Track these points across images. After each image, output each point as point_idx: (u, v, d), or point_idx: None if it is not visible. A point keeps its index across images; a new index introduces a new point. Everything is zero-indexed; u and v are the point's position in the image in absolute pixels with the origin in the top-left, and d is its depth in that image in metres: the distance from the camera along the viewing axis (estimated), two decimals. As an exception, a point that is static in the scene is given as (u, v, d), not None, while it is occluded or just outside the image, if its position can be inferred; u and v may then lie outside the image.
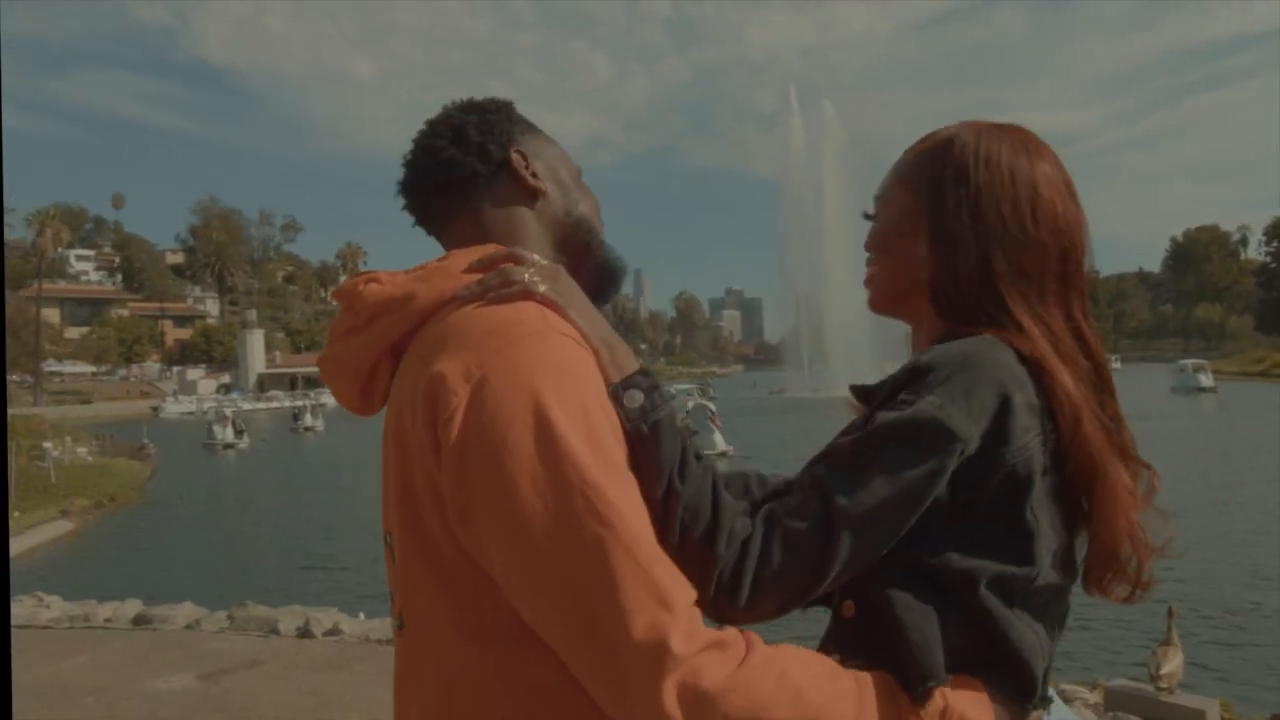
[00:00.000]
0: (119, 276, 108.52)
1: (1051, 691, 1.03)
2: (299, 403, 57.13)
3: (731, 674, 0.79)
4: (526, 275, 0.94)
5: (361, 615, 6.78)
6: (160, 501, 21.94)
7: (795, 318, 77.57)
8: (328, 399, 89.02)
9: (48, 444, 23.15)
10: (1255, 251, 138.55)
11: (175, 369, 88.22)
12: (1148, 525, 1.02)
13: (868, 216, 1.13)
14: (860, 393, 1.02)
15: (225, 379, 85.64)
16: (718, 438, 25.46)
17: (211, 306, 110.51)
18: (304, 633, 6.28)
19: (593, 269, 1.14)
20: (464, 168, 1.09)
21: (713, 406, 29.92)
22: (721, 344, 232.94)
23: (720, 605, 0.86)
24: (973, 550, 0.92)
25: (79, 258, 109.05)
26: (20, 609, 6.89)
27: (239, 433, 37.81)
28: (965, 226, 1.01)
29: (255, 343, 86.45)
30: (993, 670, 0.94)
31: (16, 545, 13.88)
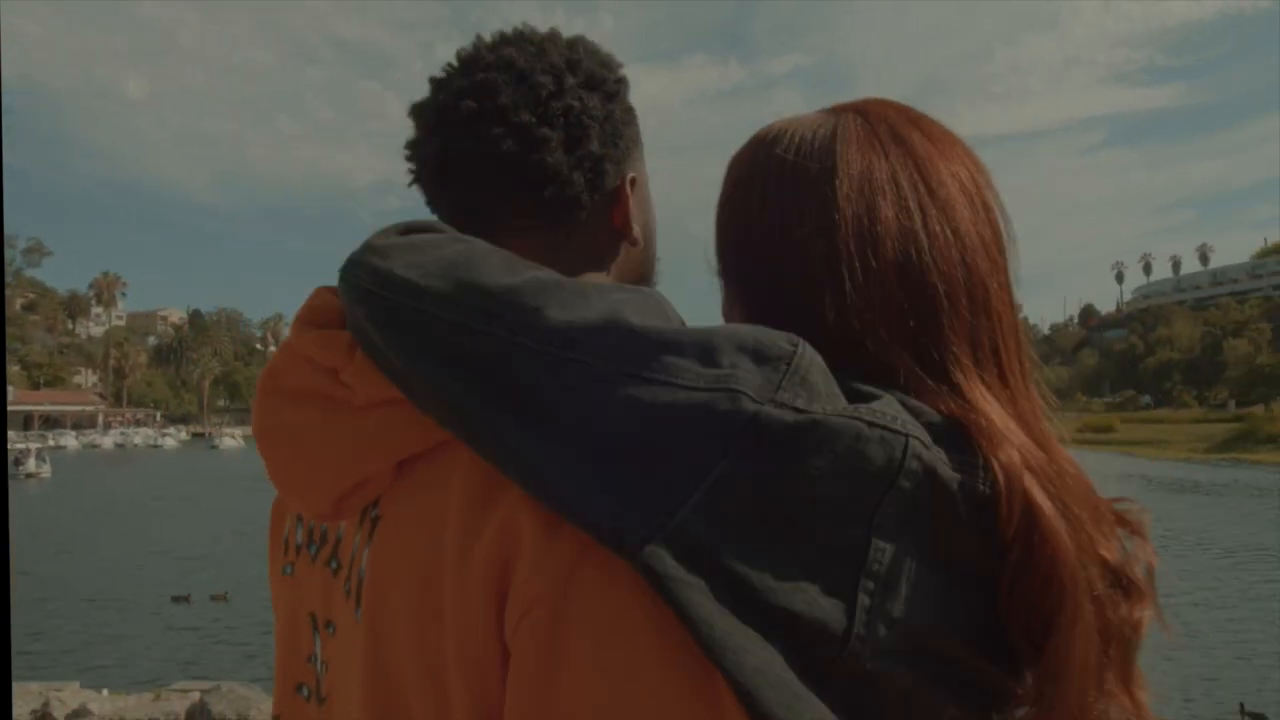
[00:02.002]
0: None
1: None
2: (19, 445, 50.84)
3: None
4: None
5: (105, 691, 6.05)
6: None
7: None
8: (68, 441, 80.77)
9: None
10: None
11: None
12: None
13: None
14: None
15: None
16: None
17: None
18: (41, 716, 5.49)
19: None
20: (570, 186, 0.77)
21: None
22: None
23: None
24: None
25: None
26: None
27: None
28: None
29: (-18, 376, 76.63)
30: None
31: None
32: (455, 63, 0.80)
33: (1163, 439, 71.38)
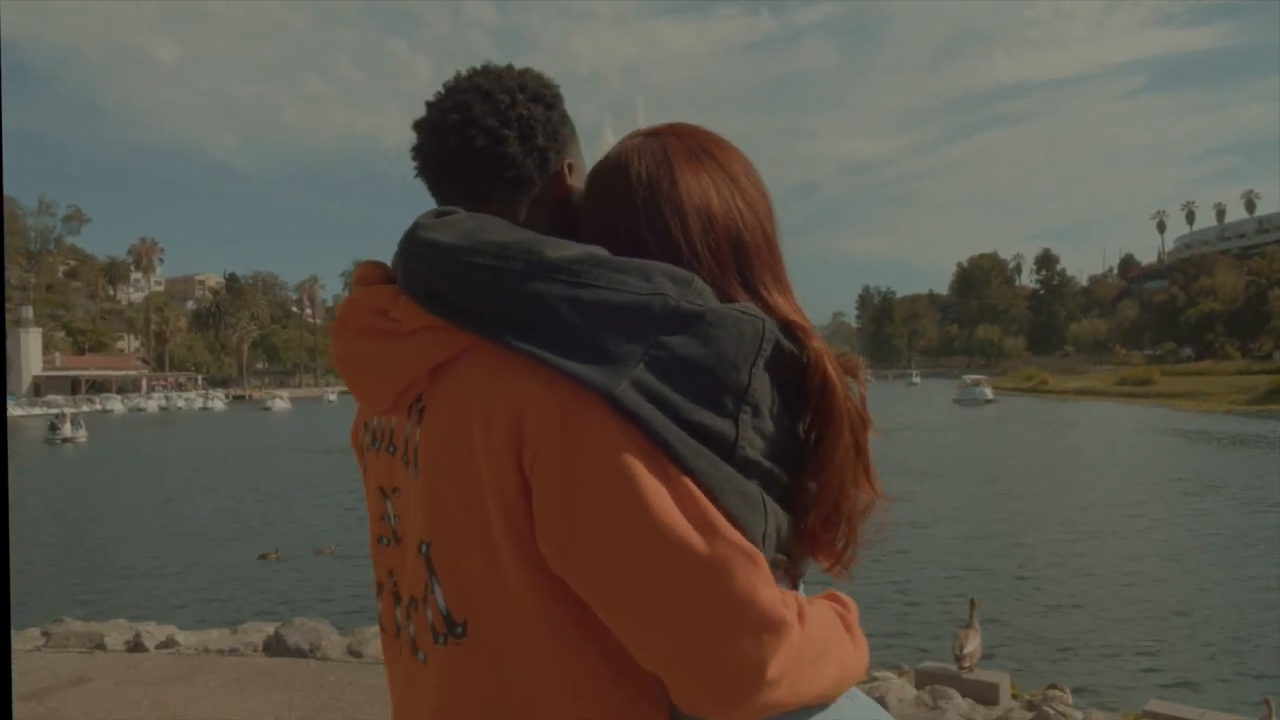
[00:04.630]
0: None
1: None
2: (54, 411, 51.72)
3: (799, 643, 0.90)
4: None
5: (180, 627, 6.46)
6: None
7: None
8: (114, 405, 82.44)
9: None
10: (1028, 279, 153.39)
11: (-69, 370, 78.46)
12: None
13: None
14: None
15: (-7, 382, 76.88)
16: None
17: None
18: (134, 646, 5.94)
19: None
20: (523, 169, 1.08)
21: None
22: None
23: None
24: None
25: None
26: None
27: None
28: None
29: (31, 342, 78.67)
30: None
31: None
32: (442, 90, 1.12)
33: (1203, 391, 70.00)
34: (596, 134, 1.21)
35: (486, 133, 1.06)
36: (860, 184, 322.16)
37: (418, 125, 1.12)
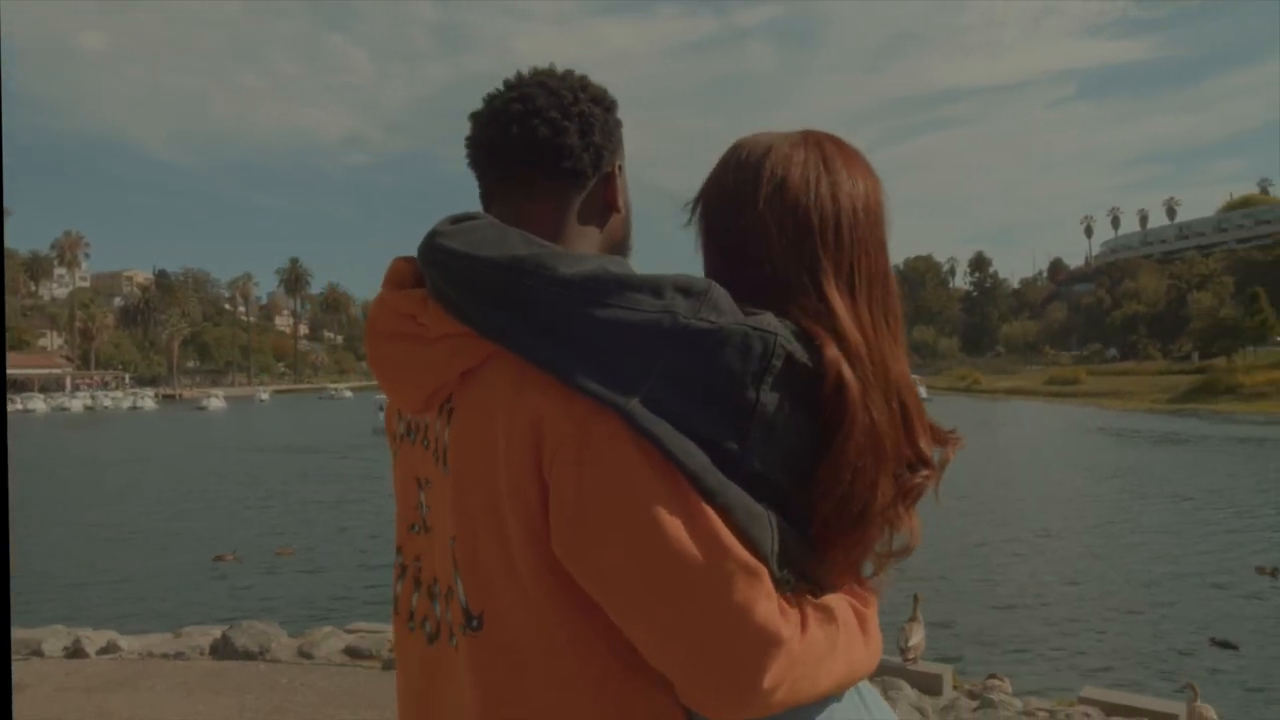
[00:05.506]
0: None
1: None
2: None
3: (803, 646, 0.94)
4: None
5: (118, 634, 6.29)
6: None
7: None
8: (36, 404, 79.61)
9: None
10: (962, 281, 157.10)
11: None
12: None
13: None
14: None
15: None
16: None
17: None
18: (73, 652, 5.77)
19: None
20: (579, 162, 1.10)
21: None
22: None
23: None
24: None
25: None
26: None
27: None
28: None
29: (-56, 340, 74.97)
30: None
31: None
32: (501, 86, 1.14)
33: (1127, 390, 72.65)
34: None
35: (549, 123, 1.08)
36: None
37: (475, 116, 1.14)
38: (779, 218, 1.04)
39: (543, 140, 1.08)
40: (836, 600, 1.02)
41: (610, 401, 0.90)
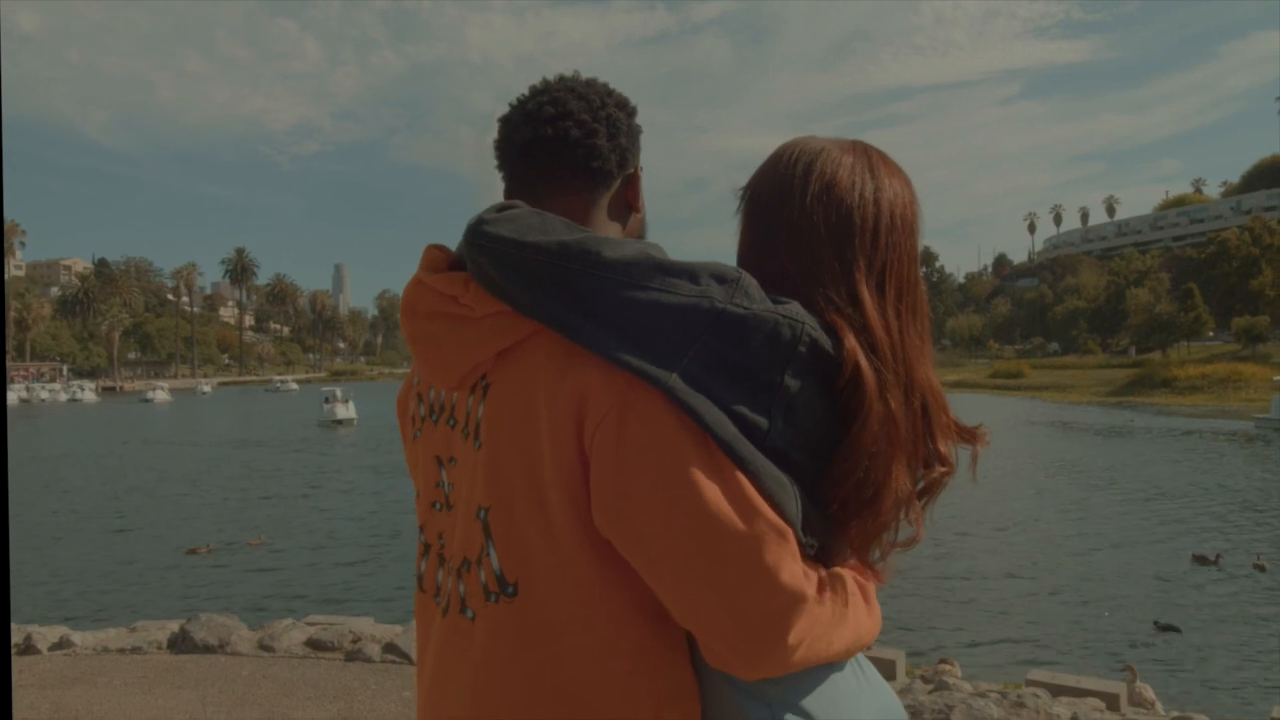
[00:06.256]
0: None
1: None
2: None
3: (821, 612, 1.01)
4: None
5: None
6: None
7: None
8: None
9: None
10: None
11: None
12: None
13: None
14: None
15: None
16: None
17: None
18: (25, 649, 5.66)
19: None
20: (607, 162, 1.17)
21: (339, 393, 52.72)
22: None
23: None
24: None
25: None
26: None
27: None
28: None
29: None
30: None
31: None
32: (528, 92, 1.21)
33: (1068, 384, 74.29)
34: (489, 123, 1.28)
35: (580, 125, 1.16)
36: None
37: (506, 119, 1.21)
38: (825, 213, 1.10)
39: (575, 141, 1.16)
40: (845, 572, 1.09)
41: (651, 376, 0.96)
